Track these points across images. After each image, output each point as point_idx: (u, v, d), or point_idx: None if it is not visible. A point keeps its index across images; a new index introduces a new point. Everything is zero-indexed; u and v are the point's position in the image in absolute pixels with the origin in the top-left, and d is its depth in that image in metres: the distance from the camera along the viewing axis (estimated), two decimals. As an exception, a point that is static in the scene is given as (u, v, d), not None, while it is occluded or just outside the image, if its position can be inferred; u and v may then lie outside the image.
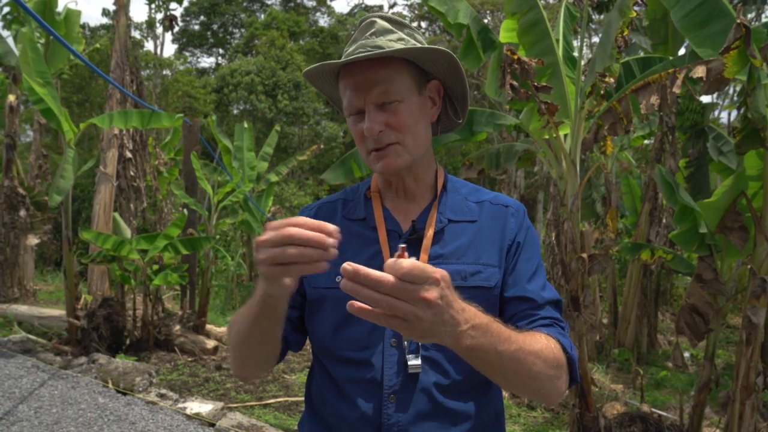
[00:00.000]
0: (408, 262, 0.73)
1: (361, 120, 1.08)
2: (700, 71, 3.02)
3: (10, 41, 8.09)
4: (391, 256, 1.05)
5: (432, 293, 0.74)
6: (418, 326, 0.75)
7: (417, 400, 1.05)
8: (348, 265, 0.72)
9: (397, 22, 1.14)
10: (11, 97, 8.09)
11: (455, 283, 1.05)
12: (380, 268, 0.94)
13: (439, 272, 0.76)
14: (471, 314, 0.84)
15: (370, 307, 0.75)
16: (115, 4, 8.07)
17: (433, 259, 1.10)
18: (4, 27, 8.77)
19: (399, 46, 1.06)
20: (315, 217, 1.19)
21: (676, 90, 3.18)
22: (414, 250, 1.09)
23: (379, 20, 1.12)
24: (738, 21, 2.70)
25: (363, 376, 1.08)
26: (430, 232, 1.11)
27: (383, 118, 1.06)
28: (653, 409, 4.28)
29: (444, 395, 1.06)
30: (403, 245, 0.79)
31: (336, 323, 1.11)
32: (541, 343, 0.99)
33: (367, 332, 1.08)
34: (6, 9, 8.27)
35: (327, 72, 1.12)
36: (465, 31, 3.96)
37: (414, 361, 1.04)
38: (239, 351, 1.10)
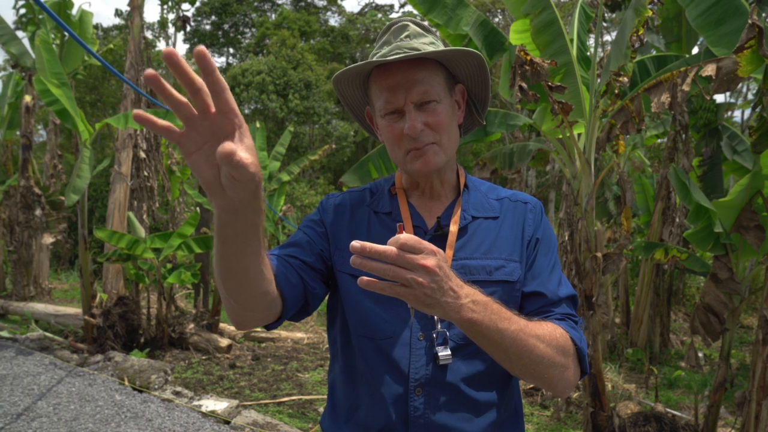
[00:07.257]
0: (405, 235, 0.82)
1: (397, 120, 1.10)
2: (709, 70, 3.01)
3: (26, 42, 8.20)
4: None
5: (429, 261, 0.82)
6: (420, 292, 0.82)
7: (443, 392, 1.07)
8: (356, 243, 0.78)
9: (426, 28, 1.17)
10: (27, 98, 8.19)
11: (481, 278, 1.09)
12: None
13: (434, 247, 0.84)
14: (470, 290, 0.90)
15: (377, 280, 0.81)
16: (129, 5, 8.15)
17: (458, 255, 1.12)
18: (19, 28, 8.88)
19: (432, 49, 1.09)
20: (341, 202, 1.24)
21: (686, 88, 3.17)
22: (439, 247, 1.11)
23: (411, 24, 1.15)
24: (750, 21, 2.69)
25: (388, 367, 1.09)
26: (454, 228, 1.14)
27: (422, 117, 1.08)
28: (667, 409, 4.27)
29: (469, 386, 1.09)
30: (401, 223, 0.90)
31: (361, 311, 1.13)
32: (545, 329, 1.01)
33: (392, 324, 1.10)
34: (22, 11, 8.37)
35: (357, 74, 1.14)
36: (466, 42, 3.97)
37: (444, 352, 1.05)
38: (225, 288, 0.93)
